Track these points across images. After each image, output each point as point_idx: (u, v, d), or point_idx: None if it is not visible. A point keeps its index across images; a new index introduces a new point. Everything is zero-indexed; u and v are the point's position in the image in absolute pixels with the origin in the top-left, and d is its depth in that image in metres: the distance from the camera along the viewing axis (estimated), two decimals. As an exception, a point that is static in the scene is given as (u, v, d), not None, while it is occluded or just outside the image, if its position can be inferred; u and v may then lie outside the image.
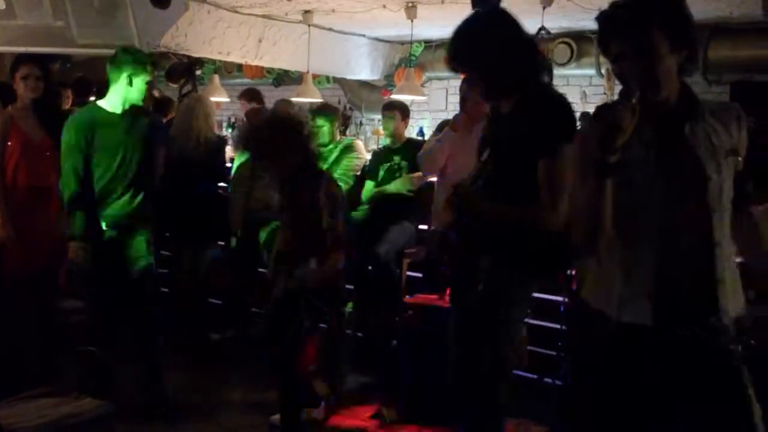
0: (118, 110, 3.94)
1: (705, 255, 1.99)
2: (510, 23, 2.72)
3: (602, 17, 2.07)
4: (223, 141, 5.69)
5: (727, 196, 2.02)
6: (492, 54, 2.63)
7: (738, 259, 2.15)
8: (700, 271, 2.00)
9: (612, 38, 2.03)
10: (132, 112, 3.99)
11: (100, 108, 3.98)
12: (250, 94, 6.78)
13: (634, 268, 2.03)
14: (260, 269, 5.30)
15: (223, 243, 5.69)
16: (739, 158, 2.05)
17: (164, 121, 6.18)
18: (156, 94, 6.86)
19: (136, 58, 3.95)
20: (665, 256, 1.99)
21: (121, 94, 3.91)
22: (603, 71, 6.16)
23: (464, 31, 2.70)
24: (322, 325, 3.88)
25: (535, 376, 4.14)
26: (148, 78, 3.99)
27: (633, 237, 2.03)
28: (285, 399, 3.66)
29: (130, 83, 3.89)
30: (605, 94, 5.77)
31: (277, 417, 3.76)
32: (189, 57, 6.04)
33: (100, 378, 4.02)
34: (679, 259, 2.00)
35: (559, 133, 2.54)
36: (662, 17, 1.98)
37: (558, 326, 4.05)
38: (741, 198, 2.10)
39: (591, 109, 5.66)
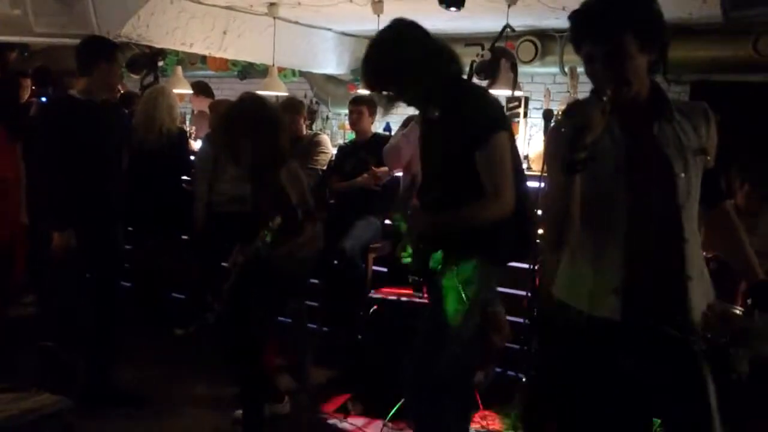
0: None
1: (673, 251, 2.02)
2: (411, 36, 2.79)
3: (574, 17, 2.07)
4: (185, 134, 5.63)
5: (695, 195, 2.05)
6: (400, 71, 2.71)
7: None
8: (668, 267, 2.03)
9: (583, 39, 2.04)
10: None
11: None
12: (200, 87, 6.73)
13: (603, 263, 2.06)
14: (224, 263, 5.26)
15: (186, 237, 5.64)
16: (708, 157, 2.08)
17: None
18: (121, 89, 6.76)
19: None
20: (633, 253, 2.02)
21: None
22: (567, 69, 6.22)
23: (370, 54, 2.78)
24: (286, 319, 3.87)
25: (499, 370, 4.18)
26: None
27: (601, 233, 2.06)
28: (246, 394, 3.64)
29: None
30: (569, 92, 5.82)
31: (240, 412, 3.74)
32: (151, 48, 5.95)
33: (59, 373, 3.96)
34: (647, 255, 2.02)
35: (489, 123, 2.65)
36: (634, 19, 1.99)
37: (521, 320, 4.09)
38: (714, 195, 2.14)
39: (555, 107, 5.76)
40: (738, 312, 3.68)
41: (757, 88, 6.04)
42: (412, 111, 3.25)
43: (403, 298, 4.09)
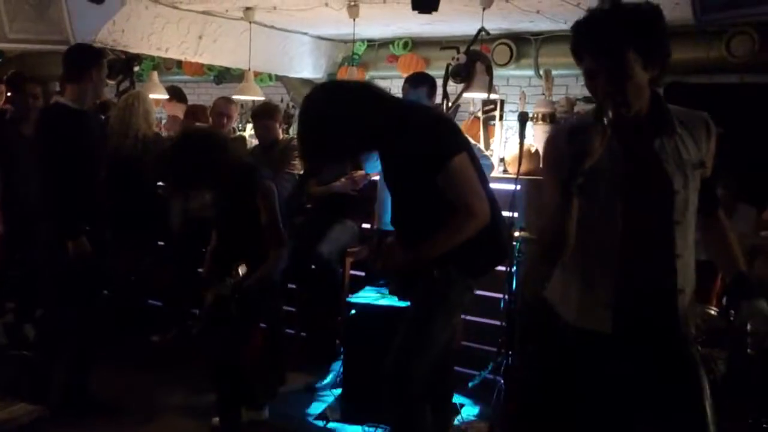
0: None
1: (666, 266, 2.03)
2: (328, 99, 2.73)
3: (577, 28, 2.03)
4: (161, 139, 5.59)
5: (692, 209, 2.05)
6: (335, 137, 2.66)
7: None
8: (660, 282, 2.04)
9: (585, 53, 2.00)
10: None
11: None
12: (173, 92, 6.69)
13: (595, 277, 2.07)
14: (200, 269, 5.23)
15: (162, 243, 5.60)
16: (706, 168, 2.08)
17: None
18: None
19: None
20: (626, 268, 2.02)
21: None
22: (542, 72, 6.26)
23: (303, 131, 2.74)
24: (262, 325, 3.86)
25: (476, 373, 4.19)
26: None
27: (595, 247, 2.06)
28: (223, 401, 3.61)
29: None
30: (544, 94, 5.85)
31: (217, 419, 3.71)
32: (126, 53, 5.92)
33: (35, 382, 3.92)
34: (639, 270, 2.03)
35: (441, 150, 2.66)
36: (637, 37, 1.95)
37: (498, 323, 4.11)
38: (709, 204, 2.14)
39: (530, 109, 5.78)
40: (713, 313, 3.74)
41: (730, 89, 6.12)
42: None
43: (382, 303, 4.09)
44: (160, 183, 5.48)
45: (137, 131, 5.16)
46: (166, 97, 6.89)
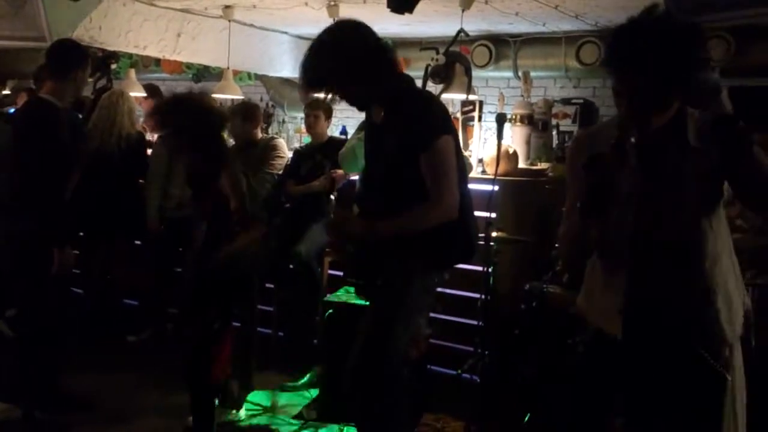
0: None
1: (687, 275, 2.04)
2: (352, 37, 2.76)
3: (617, 40, 2.00)
4: (144, 137, 5.57)
5: (712, 218, 2.04)
6: (342, 70, 2.69)
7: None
8: (678, 293, 2.05)
9: (619, 70, 1.98)
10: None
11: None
12: (150, 89, 6.65)
13: (612, 285, 2.11)
14: (177, 269, 5.21)
15: (139, 242, 5.57)
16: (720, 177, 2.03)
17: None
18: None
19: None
20: (639, 277, 2.05)
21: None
22: (520, 74, 6.30)
23: (311, 53, 2.74)
24: (236, 324, 3.84)
25: (453, 372, 4.20)
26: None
27: (612, 258, 2.10)
28: (196, 400, 3.59)
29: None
30: (522, 96, 5.89)
31: (191, 419, 3.69)
32: (103, 50, 5.87)
33: (8, 381, 3.88)
34: (653, 280, 2.05)
35: (432, 125, 2.65)
36: (677, 79, 1.91)
37: (475, 323, 4.12)
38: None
39: (509, 111, 5.79)
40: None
41: (705, 92, 6.19)
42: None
43: (360, 302, 4.09)
44: (141, 180, 5.44)
45: (121, 129, 5.13)
46: (144, 94, 6.84)
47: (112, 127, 5.11)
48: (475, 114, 5.39)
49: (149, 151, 5.48)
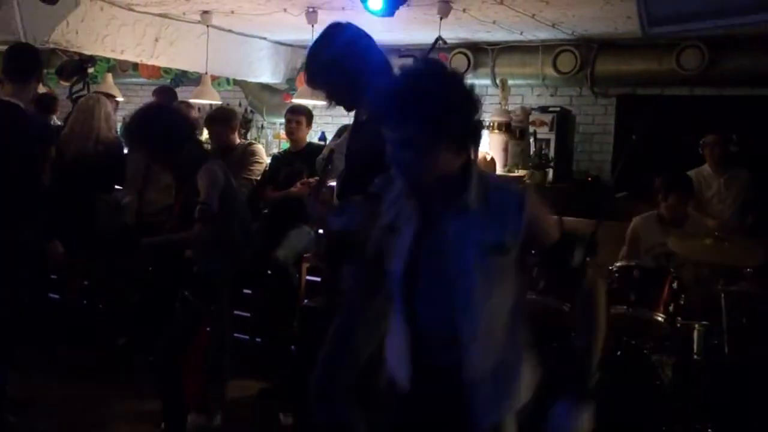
0: None
1: (454, 355, 1.88)
2: (354, 37, 2.79)
3: (383, 98, 1.87)
4: (121, 142, 5.52)
5: (490, 291, 1.87)
6: (340, 70, 2.71)
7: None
8: (448, 370, 1.89)
9: (388, 122, 1.86)
10: None
11: None
12: (161, 92, 6.60)
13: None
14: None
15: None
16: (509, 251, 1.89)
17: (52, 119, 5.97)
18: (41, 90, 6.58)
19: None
20: (415, 355, 1.92)
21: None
22: (498, 81, 6.35)
23: (313, 51, 2.81)
24: (207, 328, 3.82)
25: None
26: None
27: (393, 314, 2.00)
28: (167, 406, 3.56)
29: None
30: (500, 103, 5.95)
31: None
32: (81, 54, 5.83)
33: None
34: (427, 357, 1.92)
35: None
36: (438, 119, 1.78)
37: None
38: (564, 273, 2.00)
39: (487, 118, 5.83)
40: (660, 319, 3.82)
41: (680, 101, 6.28)
42: (347, 120, 3.26)
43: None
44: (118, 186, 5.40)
45: (98, 134, 5.08)
46: (121, 99, 6.80)
47: (90, 131, 5.07)
48: (453, 121, 5.41)
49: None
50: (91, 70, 6.37)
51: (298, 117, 5.25)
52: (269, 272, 4.84)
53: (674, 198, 4.39)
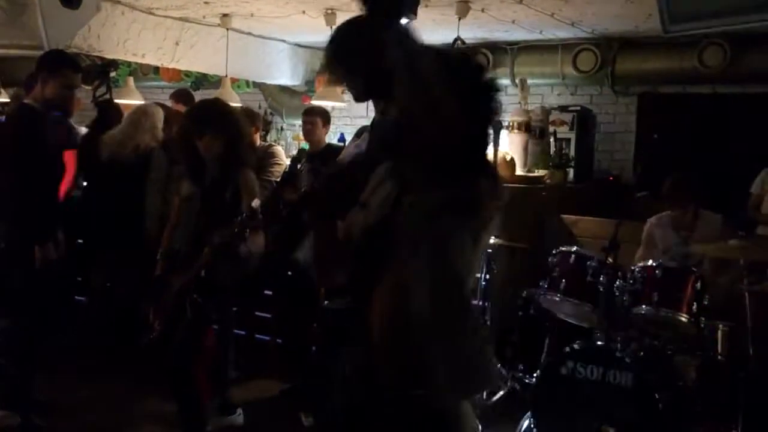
0: None
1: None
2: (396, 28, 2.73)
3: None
4: (161, 152, 5.51)
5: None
6: (374, 53, 2.46)
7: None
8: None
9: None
10: None
11: None
12: (179, 95, 6.63)
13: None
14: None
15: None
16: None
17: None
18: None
19: None
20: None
21: None
22: (517, 81, 6.32)
23: (346, 28, 2.61)
24: (214, 327, 3.84)
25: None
26: None
27: None
28: (183, 408, 3.58)
29: None
30: (520, 103, 5.92)
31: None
32: (102, 58, 5.89)
33: (7, 388, 3.88)
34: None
35: None
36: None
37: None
38: None
39: (506, 118, 5.81)
40: (684, 320, 3.79)
41: (702, 99, 6.22)
42: (366, 121, 3.24)
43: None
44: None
45: (139, 144, 5.07)
46: (141, 102, 6.84)
47: (129, 140, 5.06)
48: (473, 121, 5.39)
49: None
50: (113, 74, 6.44)
51: (313, 118, 5.25)
52: (289, 273, 4.85)
53: (681, 199, 4.37)
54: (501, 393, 4.14)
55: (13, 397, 3.85)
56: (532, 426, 3.68)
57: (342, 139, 7.10)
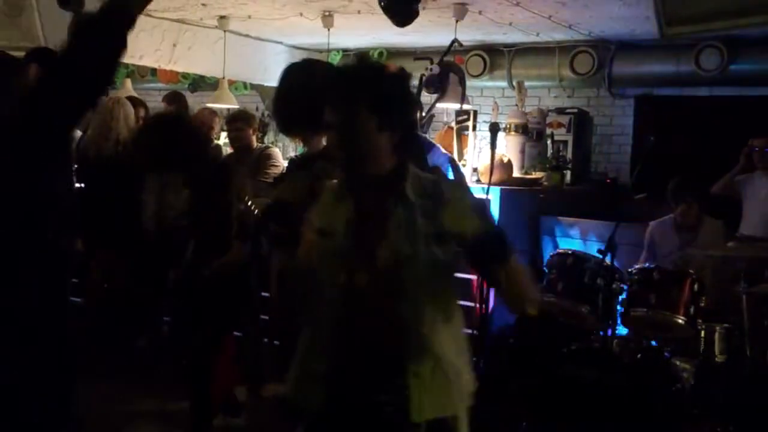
0: None
1: (391, 340, 1.89)
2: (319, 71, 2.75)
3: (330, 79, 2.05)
4: None
5: (431, 279, 1.89)
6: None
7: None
8: (383, 358, 1.90)
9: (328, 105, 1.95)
10: None
11: None
12: (171, 97, 6.63)
13: (312, 350, 2.01)
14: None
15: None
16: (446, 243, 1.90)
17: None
18: None
19: None
20: (342, 341, 1.92)
21: None
22: (514, 83, 6.33)
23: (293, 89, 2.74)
24: (237, 333, 3.84)
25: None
26: None
27: (316, 313, 1.99)
28: (194, 408, 3.59)
29: None
30: (516, 105, 5.92)
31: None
32: (100, 60, 5.88)
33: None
34: (359, 342, 1.91)
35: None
36: (369, 97, 1.89)
37: (469, 331, 4.12)
38: (487, 261, 1.94)
39: (503, 120, 5.82)
40: (681, 322, 3.80)
41: (699, 101, 6.23)
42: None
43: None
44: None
45: (118, 135, 5.09)
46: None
47: (109, 132, 5.08)
48: (470, 123, 5.41)
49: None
50: (110, 76, 6.43)
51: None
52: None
53: (685, 203, 4.38)
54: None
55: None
56: (530, 429, 3.68)
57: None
